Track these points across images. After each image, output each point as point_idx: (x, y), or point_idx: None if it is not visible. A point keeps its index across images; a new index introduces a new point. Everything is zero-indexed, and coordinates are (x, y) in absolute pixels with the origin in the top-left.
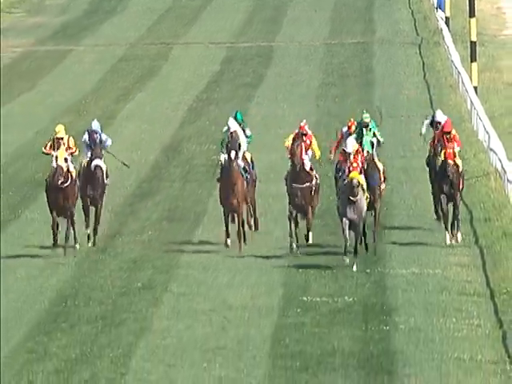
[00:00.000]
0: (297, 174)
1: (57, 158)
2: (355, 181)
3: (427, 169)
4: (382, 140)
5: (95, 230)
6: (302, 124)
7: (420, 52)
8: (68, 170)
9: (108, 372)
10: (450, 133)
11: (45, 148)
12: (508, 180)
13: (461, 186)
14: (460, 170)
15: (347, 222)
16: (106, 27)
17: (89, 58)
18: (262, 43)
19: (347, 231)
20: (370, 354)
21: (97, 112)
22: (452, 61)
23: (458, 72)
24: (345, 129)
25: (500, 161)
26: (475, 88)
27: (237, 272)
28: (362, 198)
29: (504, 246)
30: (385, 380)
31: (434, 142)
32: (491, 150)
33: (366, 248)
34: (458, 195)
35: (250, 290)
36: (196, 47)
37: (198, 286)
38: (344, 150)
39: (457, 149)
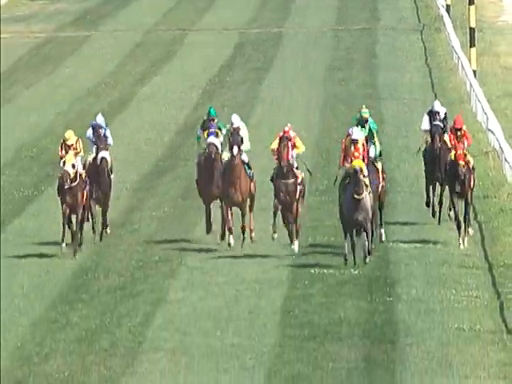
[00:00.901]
0: (283, 172)
1: (64, 162)
2: (358, 167)
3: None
4: (379, 148)
5: (103, 225)
6: (286, 129)
7: (422, 38)
8: (76, 173)
9: (126, 341)
10: (461, 129)
11: (61, 157)
12: (505, 159)
13: (472, 185)
14: (471, 167)
15: (352, 223)
16: (124, 14)
17: (107, 43)
18: (272, 29)
19: (352, 234)
20: (374, 324)
21: (115, 94)
22: (452, 46)
23: (458, 56)
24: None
25: (498, 140)
26: (474, 72)
27: (248, 247)
28: (367, 195)
29: (501, 221)
30: (388, 349)
31: (431, 134)
32: (489, 130)
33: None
34: (470, 195)
35: (260, 263)
36: (210, 33)
37: (211, 260)
38: (351, 139)
39: (466, 144)
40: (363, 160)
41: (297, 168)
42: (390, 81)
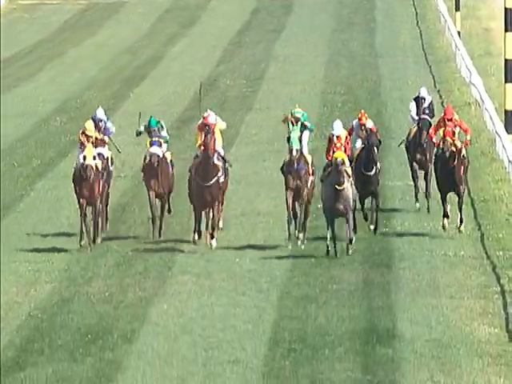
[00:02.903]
0: (205, 169)
1: (85, 157)
2: (340, 159)
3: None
4: (310, 127)
5: (102, 226)
6: (204, 115)
7: (413, 3)
8: (96, 165)
9: (158, 266)
10: (451, 120)
11: (80, 141)
12: (485, 109)
13: (462, 171)
14: (462, 153)
15: (334, 213)
16: None
17: (142, 9)
18: None
19: (334, 224)
20: (372, 252)
21: (149, 53)
22: (439, 11)
23: (445, 20)
24: (355, 121)
25: (479, 93)
26: (459, 33)
27: (262, 185)
28: (349, 185)
29: (482, 162)
30: (384, 272)
31: (418, 127)
32: (472, 84)
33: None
34: (460, 178)
35: (273, 200)
36: None
37: (231, 196)
38: (332, 134)
39: (468, 136)
40: (345, 151)
41: (223, 159)
42: (386, 41)
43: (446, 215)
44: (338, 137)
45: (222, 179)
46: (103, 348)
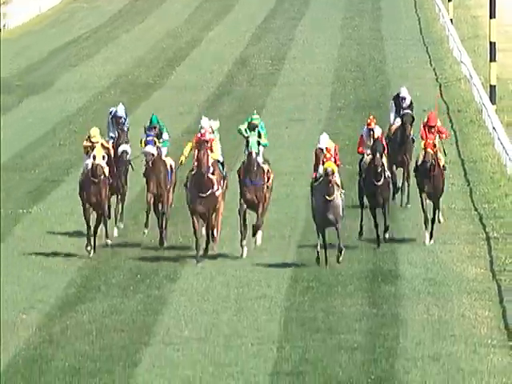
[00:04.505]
0: (200, 183)
1: (94, 157)
2: (329, 169)
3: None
4: (265, 143)
5: (121, 216)
6: (202, 131)
7: None
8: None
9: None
10: (434, 127)
11: (85, 147)
12: (473, 84)
13: (441, 183)
14: (441, 164)
15: (324, 222)
16: None
17: (182, 0)
18: None
19: (325, 233)
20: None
21: (188, 36)
22: (435, 0)
23: (439, 8)
24: (365, 128)
25: (468, 70)
26: (451, 20)
27: (285, 148)
28: (338, 195)
29: (470, 129)
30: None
31: (402, 121)
32: (462, 62)
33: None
34: (438, 188)
35: (295, 161)
36: None
37: None
38: (320, 148)
39: (444, 139)
40: (335, 162)
41: (212, 173)
42: (389, 26)
43: (425, 222)
44: (326, 149)
45: (217, 192)
46: (150, 286)
